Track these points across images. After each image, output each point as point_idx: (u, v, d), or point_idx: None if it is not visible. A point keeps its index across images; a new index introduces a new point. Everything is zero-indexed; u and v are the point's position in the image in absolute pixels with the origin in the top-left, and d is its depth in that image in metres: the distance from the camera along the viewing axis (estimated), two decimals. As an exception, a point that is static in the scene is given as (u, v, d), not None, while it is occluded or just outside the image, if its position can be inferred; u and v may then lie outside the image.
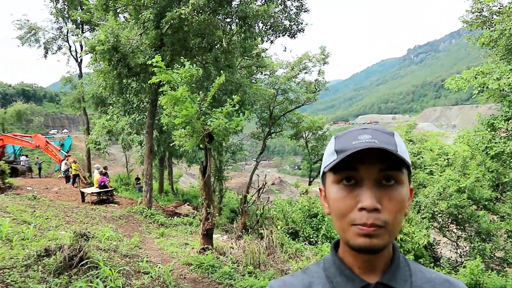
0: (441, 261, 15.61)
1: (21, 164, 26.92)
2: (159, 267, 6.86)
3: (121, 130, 24.18)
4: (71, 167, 20.86)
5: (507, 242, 15.19)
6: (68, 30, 29.57)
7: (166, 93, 9.16)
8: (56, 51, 30.13)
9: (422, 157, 22.46)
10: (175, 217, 15.67)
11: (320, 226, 14.17)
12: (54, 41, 29.87)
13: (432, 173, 20.07)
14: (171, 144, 14.21)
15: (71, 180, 20.61)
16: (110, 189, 17.70)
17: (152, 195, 16.57)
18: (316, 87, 29.26)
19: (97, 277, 5.58)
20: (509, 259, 14.53)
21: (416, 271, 1.04)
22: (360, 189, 0.93)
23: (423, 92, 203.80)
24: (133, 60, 14.47)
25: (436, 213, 17.07)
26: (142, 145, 23.31)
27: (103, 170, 18.57)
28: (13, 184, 17.69)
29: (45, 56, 29.87)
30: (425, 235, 14.00)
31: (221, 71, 16.16)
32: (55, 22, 29.85)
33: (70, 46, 30.09)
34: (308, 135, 33.09)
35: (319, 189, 1.10)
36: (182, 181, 48.88)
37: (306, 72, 28.45)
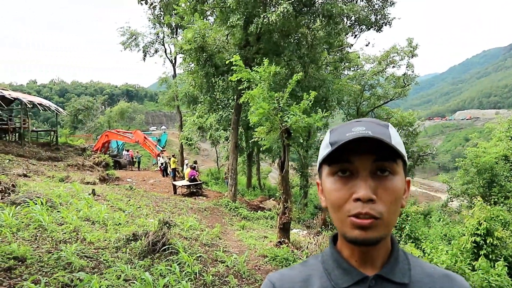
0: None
1: (124, 158, 29.49)
2: (235, 257, 7.21)
3: (209, 126, 25.36)
4: (169, 161, 22.23)
5: None
6: (163, 34, 31.77)
7: (245, 91, 9.55)
8: (153, 54, 32.62)
9: (525, 156, 20.53)
10: (259, 211, 16.12)
11: (403, 226, 13.67)
12: (151, 45, 32.44)
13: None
14: (251, 141, 14.66)
15: (171, 173, 21.52)
16: (199, 182, 18.71)
17: (237, 189, 17.23)
18: (406, 82, 27.96)
19: (176, 262, 6.06)
20: None
21: (416, 265, 1.03)
22: (355, 180, 0.93)
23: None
24: (220, 60, 15.12)
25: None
26: (229, 140, 24.26)
27: (193, 165, 19.66)
28: (114, 176, 19.42)
29: (144, 59, 32.44)
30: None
31: (304, 68, 16.35)
32: (152, 28, 32.26)
33: (165, 49, 32.38)
34: (398, 131, 31.70)
35: (316, 182, 1.10)
36: (272, 176, 49.65)
37: (394, 66, 27.33)
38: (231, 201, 15.96)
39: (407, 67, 26.91)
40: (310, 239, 10.72)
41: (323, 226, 12.63)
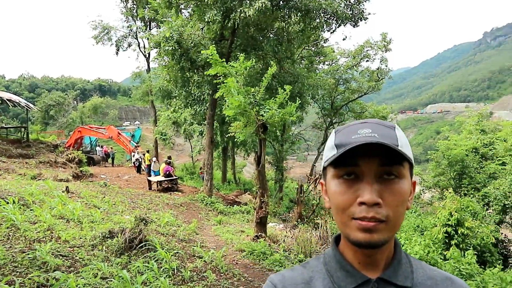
0: (510, 260, 14.69)
1: (97, 154, 28.99)
2: (213, 252, 7.24)
3: (184, 121, 25.20)
4: (144, 157, 21.98)
5: None
6: (137, 28, 31.26)
7: (221, 85, 9.52)
8: (126, 48, 32.02)
9: (494, 148, 21.20)
10: (235, 205, 16.15)
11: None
12: (124, 38, 31.80)
13: (505, 164, 18.91)
14: (227, 135, 14.67)
15: (146, 169, 21.38)
16: (174, 177, 18.59)
17: (212, 184, 17.21)
18: (379, 76, 28.39)
19: (153, 259, 6.04)
20: None
21: (418, 268, 1.03)
22: (360, 184, 0.92)
23: (501, 78, 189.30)
24: (196, 54, 15.02)
25: (508, 207, 16.11)
26: (203, 135, 24.15)
27: (168, 160, 19.50)
28: (88, 172, 19.09)
29: (117, 53, 31.81)
30: (493, 230, 13.31)
31: (280, 62, 16.39)
32: (125, 21, 31.67)
33: (138, 43, 31.85)
34: (372, 125, 32.16)
35: (320, 183, 1.09)
36: (246, 170, 49.73)
37: (368, 60, 27.68)
38: (207, 196, 15.94)
39: (381, 62, 27.30)
40: (286, 232, 10.84)
41: (299, 220, 12.75)
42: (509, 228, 17.45)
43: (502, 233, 15.74)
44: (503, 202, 15.98)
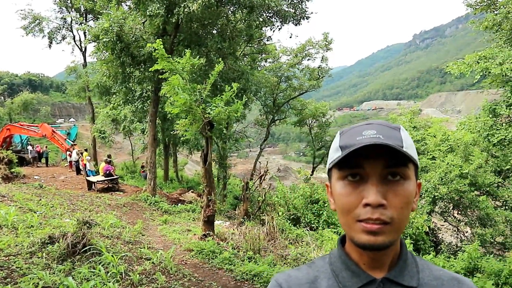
0: (441, 246, 15.70)
1: (28, 153, 27.21)
2: (161, 253, 7.04)
3: (124, 118, 24.38)
4: (82, 156, 20.91)
5: (508, 228, 15.26)
6: (71, 19, 29.57)
7: (166, 82, 9.27)
8: (60, 40, 30.13)
9: (425, 143, 22.50)
10: (179, 204, 15.87)
11: (321, 212, 14.31)
12: (58, 30, 29.81)
13: (435, 159, 20.13)
14: (172, 133, 14.37)
15: (85, 169, 20.43)
16: (115, 177, 17.93)
17: (156, 182, 16.78)
18: (320, 74, 29.20)
19: (99, 263, 5.76)
20: (507, 244, 14.61)
21: (424, 268, 1.03)
22: (365, 185, 0.91)
23: (429, 78, 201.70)
24: (137, 49, 14.54)
25: (437, 198, 17.18)
26: (145, 133, 23.49)
27: (108, 159, 18.76)
28: (20, 173, 17.92)
29: (50, 46, 29.90)
30: (426, 220, 14.13)
31: (224, 59, 16.29)
32: (58, 12, 29.81)
33: (74, 36, 30.11)
34: (311, 122, 33.07)
35: (326, 185, 1.08)
36: (188, 168, 49.18)
37: (309, 59, 28.42)
38: (150, 195, 15.50)
39: (321, 60, 28.07)
40: (233, 230, 10.84)
41: (245, 217, 12.77)
42: (438, 217, 18.63)
43: (433, 222, 16.83)
44: (433, 193, 17.02)
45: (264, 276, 6.79)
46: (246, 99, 13.01)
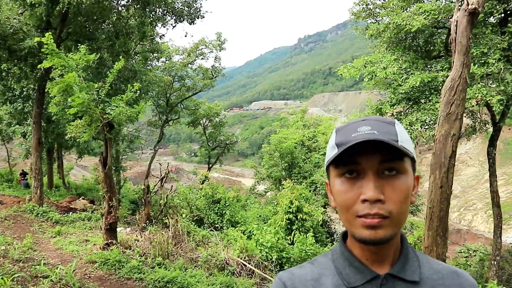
0: (334, 236, 16.78)
1: None
2: (60, 269, 6.37)
3: (-1, 120, 21.82)
4: None
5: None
6: None
7: (56, 80, 8.44)
8: None
9: (316, 140, 23.94)
10: (71, 213, 14.61)
11: (224, 212, 14.36)
12: None
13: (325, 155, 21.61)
14: (66, 136, 13.19)
15: None
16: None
17: (42, 191, 15.24)
18: (213, 74, 29.30)
19: (-11, 287, 5.02)
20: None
21: (424, 262, 1.05)
22: (362, 181, 0.93)
23: (313, 79, 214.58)
24: (16, 43, 13.02)
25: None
26: (27, 137, 21.29)
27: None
28: None
29: None
30: (322, 212, 15.00)
31: (116, 57, 15.41)
32: None
33: None
34: (205, 122, 33.03)
35: (325, 183, 1.09)
36: (74, 174, 45.76)
37: (202, 58, 28.38)
38: (37, 205, 14.00)
39: (215, 60, 28.20)
40: (136, 236, 10.33)
41: (147, 221, 12.28)
42: (331, 209, 19.96)
43: (327, 215, 17.95)
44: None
45: (178, 281, 6.56)
46: (148, 99, 12.50)
